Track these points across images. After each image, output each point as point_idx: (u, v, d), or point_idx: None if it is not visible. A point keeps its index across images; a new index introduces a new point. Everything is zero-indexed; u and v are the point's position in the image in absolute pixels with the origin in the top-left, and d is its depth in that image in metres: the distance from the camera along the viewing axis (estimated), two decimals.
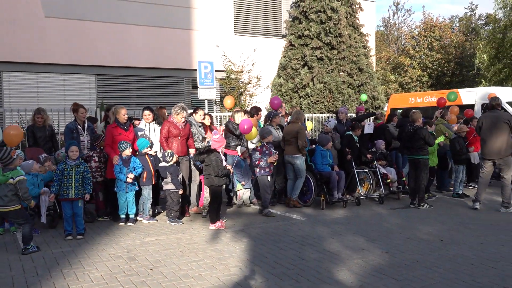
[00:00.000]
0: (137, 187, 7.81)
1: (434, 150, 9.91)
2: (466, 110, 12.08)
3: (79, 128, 8.43)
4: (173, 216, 7.78)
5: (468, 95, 14.25)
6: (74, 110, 8.56)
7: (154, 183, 8.08)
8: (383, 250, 6.09)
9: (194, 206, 8.63)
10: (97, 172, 7.96)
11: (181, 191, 7.86)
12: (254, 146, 9.05)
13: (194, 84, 14.46)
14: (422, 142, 9.00)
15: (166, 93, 16.01)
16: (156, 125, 8.73)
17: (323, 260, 5.69)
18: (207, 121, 9.11)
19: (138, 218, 7.95)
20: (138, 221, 7.91)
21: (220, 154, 7.56)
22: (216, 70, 12.79)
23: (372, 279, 4.99)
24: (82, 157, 7.44)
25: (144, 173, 7.83)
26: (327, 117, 13.93)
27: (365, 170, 9.92)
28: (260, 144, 8.70)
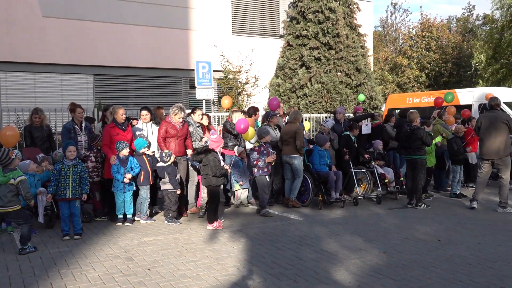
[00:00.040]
0: (134, 187, 7.81)
1: (431, 150, 9.92)
2: (463, 111, 12.11)
3: (77, 128, 8.42)
4: (170, 216, 7.78)
5: (465, 96, 14.29)
6: (72, 110, 8.54)
7: (151, 183, 8.08)
8: (381, 250, 6.09)
9: (193, 207, 8.63)
10: (93, 172, 7.96)
11: (179, 191, 7.85)
12: (252, 146, 9.05)
13: (192, 84, 14.43)
14: (420, 142, 9.01)
15: (164, 93, 15.99)
16: (153, 125, 8.72)
17: (321, 260, 5.69)
18: (205, 121, 9.10)
19: (136, 218, 7.94)
20: (136, 221, 7.90)
21: (218, 154, 7.56)
22: (214, 70, 12.79)
23: (369, 279, 5.00)
24: (79, 157, 7.42)
25: (141, 173, 7.82)
26: (325, 117, 13.92)
27: (362, 170, 9.94)
28: (258, 144, 8.70)
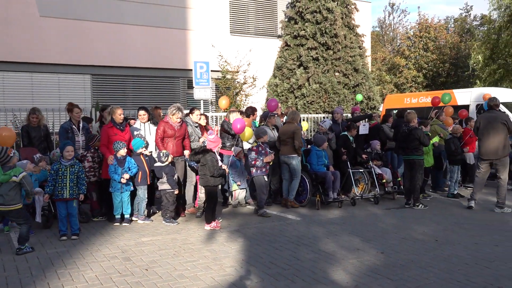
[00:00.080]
0: (132, 187, 7.80)
1: (429, 150, 9.94)
2: (460, 111, 12.12)
3: (74, 128, 8.40)
4: (168, 216, 7.77)
5: (463, 96, 14.30)
6: (69, 110, 8.53)
7: (149, 183, 8.06)
8: (378, 250, 6.10)
9: (191, 207, 8.62)
10: (90, 172, 7.93)
11: (176, 191, 7.84)
12: (249, 146, 9.05)
13: (190, 84, 14.42)
14: (417, 143, 9.01)
15: (161, 93, 15.98)
16: (151, 125, 8.72)
17: (319, 260, 5.69)
18: (203, 121, 9.09)
19: (133, 218, 7.93)
20: (133, 221, 7.89)
21: (215, 154, 7.55)
22: (211, 70, 12.78)
23: (367, 279, 5.00)
24: (76, 157, 7.41)
25: (139, 173, 7.81)
26: (323, 117, 13.94)
27: (360, 170, 9.94)
28: (256, 144, 8.70)
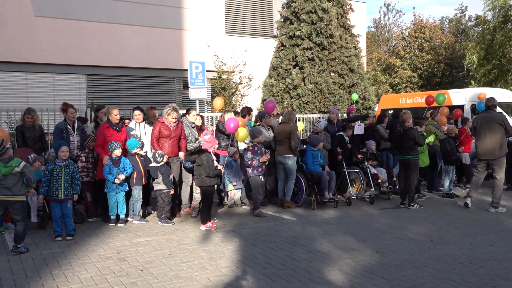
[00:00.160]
0: (127, 188, 7.78)
1: (424, 150, 9.96)
2: (455, 110, 12.16)
3: (69, 128, 8.37)
4: (163, 216, 7.76)
5: (458, 96, 14.36)
6: (64, 110, 8.49)
7: (144, 184, 8.05)
8: (374, 250, 6.11)
9: (187, 207, 8.61)
10: (83, 172, 7.88)
11: (172, 192, 7.83)
12: (245, 146, 9.04)
13: (185, 84, 14.40)
14: (412, 143, 9.04)
15: (157, 93, 15.93)
16: (146, 125, 8.69)
17: (314, 260, 5.70)
18: (198, 121, 9.08)
19: (129, 219, 7.91)
20: (129, 221, 7.87)
21: (211, 155, 7.55)
22: (207, 70, 12.76)
23: (362, 279, 5.01)
24: (71, 157, 7.38)
25: (134, 173, 7.79)
26: (318, 117, 13.96)
27: (356, 170, 9.97)
28: (251, 144, 8.70)
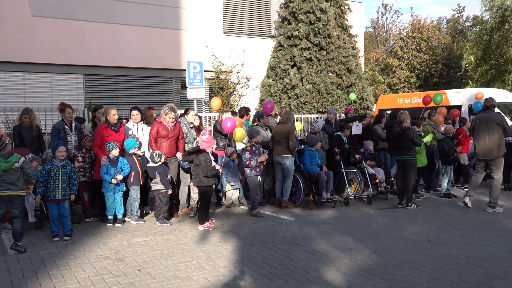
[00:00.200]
0: (124, 188, 7.77)
1: (422, 150, 9.97)
2: (452, 110, 12.18)
3: (66, 128, 8.35)
4: (161, 216, 7.75)
5: (455, 96, 14.39)
6: (61, 110, 8.47)
7: (142, 184, 8.03)
8: (371, 250, 6.12)
9: (184, 207, 8.60)
10: (79, 172, 7.86)
11: (170, 192, 7.82)
12: (243, 146, 9.03)
13: (183, 84, 14.37)
14: (410, 143, 9.05)
15: (154, 93, 15.92)
16: (144, 125, 8.68)
17: (312, 260, 5.70)
18: (196, 121, 9.08)
19: (126, 219, 7.90)
20: (126, 222, 7.86)
21: (209, 155, 7.54)
22: (205, 70, 12.75)
23: (360, 279, 5.01)
24: (69, 156, 7.37)
25: (131, 173, 7.78)
26: (316, 117, 13.97)
27: (353, 170, 9.97)
28: (249, 144, 8.70)
